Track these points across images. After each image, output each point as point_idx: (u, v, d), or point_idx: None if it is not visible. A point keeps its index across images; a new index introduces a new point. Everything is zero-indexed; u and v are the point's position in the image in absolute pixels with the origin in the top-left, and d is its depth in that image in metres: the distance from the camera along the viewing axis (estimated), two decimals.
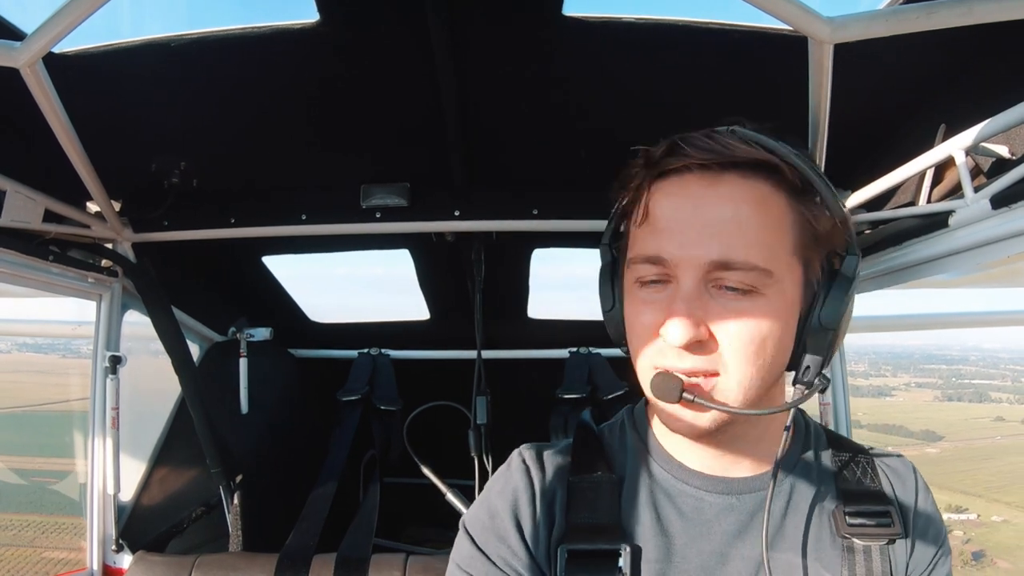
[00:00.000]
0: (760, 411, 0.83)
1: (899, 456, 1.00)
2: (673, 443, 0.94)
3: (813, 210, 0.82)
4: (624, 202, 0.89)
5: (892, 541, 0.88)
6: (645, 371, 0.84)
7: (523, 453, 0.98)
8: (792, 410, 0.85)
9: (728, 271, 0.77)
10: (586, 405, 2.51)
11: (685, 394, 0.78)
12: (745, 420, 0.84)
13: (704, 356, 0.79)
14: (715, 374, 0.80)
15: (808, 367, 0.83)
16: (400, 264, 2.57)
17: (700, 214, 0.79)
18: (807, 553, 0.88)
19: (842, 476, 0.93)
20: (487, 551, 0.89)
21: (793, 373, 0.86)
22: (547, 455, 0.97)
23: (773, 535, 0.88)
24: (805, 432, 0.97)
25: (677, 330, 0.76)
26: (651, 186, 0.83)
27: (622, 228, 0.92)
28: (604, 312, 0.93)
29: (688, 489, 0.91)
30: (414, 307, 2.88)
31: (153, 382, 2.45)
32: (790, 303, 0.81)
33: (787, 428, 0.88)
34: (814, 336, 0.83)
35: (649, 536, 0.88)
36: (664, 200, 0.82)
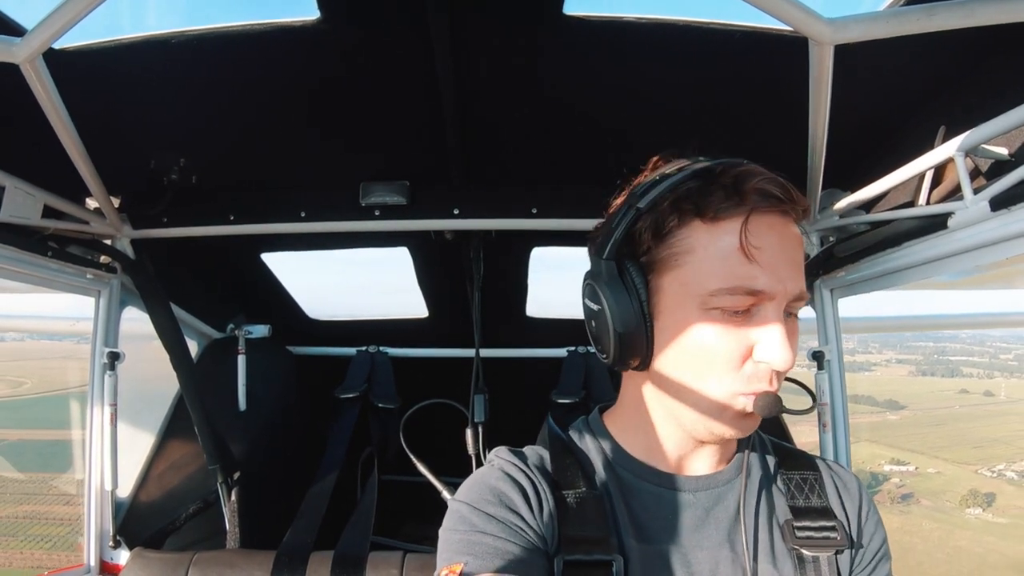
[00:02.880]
0: (803, 411, 0.97)
1: (844, 468, 1.09)
2: (636, 446, 1.00)
3: None
4: (657, 210, 0.88)
5: (839, 552, 0.95)
6: (724, 394, 0.88)
7: (506, 456, 1.01)
8: None
9: (799, 302, 0.88)
10: (580, 410, 2.52)
11: (782, 407, 0.86)
12: None
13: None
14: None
15: None
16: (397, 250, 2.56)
17: (788, 252, 0.87)
18: (758, 552, 0.95)
19: (791, 493, 1.01)
20: (499, 517, 0.91)
21: None
22: (532, 461, 1.00)
23: (728, 532, 0.95)
24: (753, 439, 1.05)
25: (787, 357, 0.84)
26: (746, 219, 0.84)
27: (639, 235, 0.90)
28: (621, 331, 0.90)
29: (649, 487, 0.97)
30: (412, 305, 2.88)
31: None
32: None
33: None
34: None
35: (633, 544, 0.92)
36: (760, 235, 0.84)
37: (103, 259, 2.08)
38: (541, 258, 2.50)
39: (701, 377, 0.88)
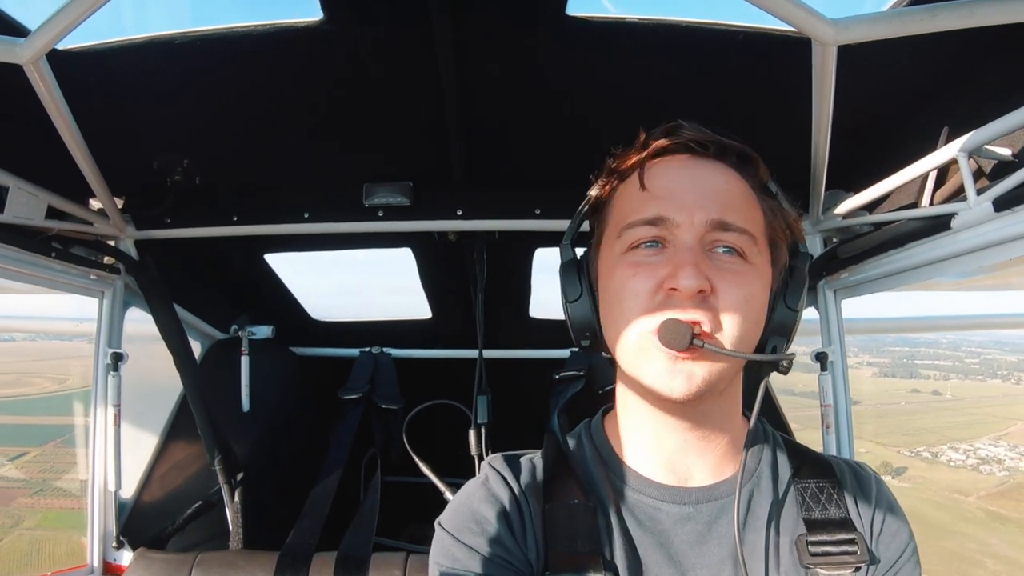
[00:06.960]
0: (760, 356, 0.87)
1: (862, 469, 1.00)
2: (632, 453, 0.95)
3: (773, 205, 0.92)
4: (599, 192, 0.97)
5: (858, 569, 0.88)
6: (638, 335, 0.84)
7: (497, 467, 0.98)
8: (753, 416, 0.92)
9: (725, 232, 0.84)
10: (581, 383, 2.54)
11: (695, 340, 0.79)
12: (717, 395, 0.87)
13: (706, 309, 0.81)
14: (713, 329, 0.82)
15: (774, 346, 0.89)
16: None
17: (697, 183, 0.87)
18: (767, 567, 0.89)
19: (806, 504, 0.93)
20: (481, 551, 0.89)
21: None
22: (523, 474, 0.97)
23: (732, 549, 0.88)
24: (764, 440, 0.98)
25: (690, 278, 0.79)
26: (647, 162, 0.90)
27: (592, 222, 0.99)
28: (569, 303, 0.95)
29: (646, 500, 0.92)
30: (416, 306, 2.88)
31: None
32: (766, 276, 0.88)
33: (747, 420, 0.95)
34: (780, 317, 0.89)
35: (627, 561, 0.88)
36: (661, 171, 0.89)
37: (107, 260, 2.09)
38: (544, 259, 2.50)
39: (625, 322, 0.86)
